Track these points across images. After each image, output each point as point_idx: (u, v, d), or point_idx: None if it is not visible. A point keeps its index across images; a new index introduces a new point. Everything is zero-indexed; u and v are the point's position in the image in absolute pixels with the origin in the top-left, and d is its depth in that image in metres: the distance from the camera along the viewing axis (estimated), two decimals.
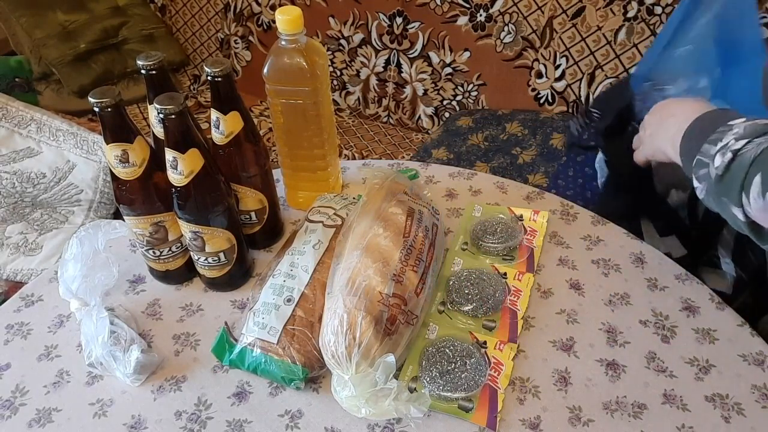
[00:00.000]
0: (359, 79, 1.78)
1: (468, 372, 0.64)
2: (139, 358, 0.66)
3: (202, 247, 0.71)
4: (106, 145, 0.65)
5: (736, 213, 0.55)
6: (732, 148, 0.54)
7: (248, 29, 1.86)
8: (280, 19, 0.72)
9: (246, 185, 0.76)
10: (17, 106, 1.45)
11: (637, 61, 1.40)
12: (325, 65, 0.78)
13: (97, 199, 1.40)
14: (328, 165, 0.86)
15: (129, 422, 0.63)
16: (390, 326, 0.63)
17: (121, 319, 0.72)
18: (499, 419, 0.61)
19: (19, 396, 0.67)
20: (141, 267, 0.80)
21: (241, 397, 0.65)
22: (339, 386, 0.61)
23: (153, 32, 1.91)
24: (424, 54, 1.65)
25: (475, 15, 1.54)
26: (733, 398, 0.63)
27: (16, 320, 0.76)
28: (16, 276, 1.27)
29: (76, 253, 0.69)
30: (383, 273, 0.65)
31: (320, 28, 1.74)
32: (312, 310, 0.67)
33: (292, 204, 0.91)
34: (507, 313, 0.71)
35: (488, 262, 0.78)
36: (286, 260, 0.72)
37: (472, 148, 1.47)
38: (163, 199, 0.70)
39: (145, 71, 0.69)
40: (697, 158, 0.59)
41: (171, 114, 0.62)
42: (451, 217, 0.87)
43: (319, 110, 0.78)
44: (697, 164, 0.59)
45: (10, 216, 1.37)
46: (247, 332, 0.67)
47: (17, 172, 1.39)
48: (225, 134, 0.71)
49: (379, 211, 0.72)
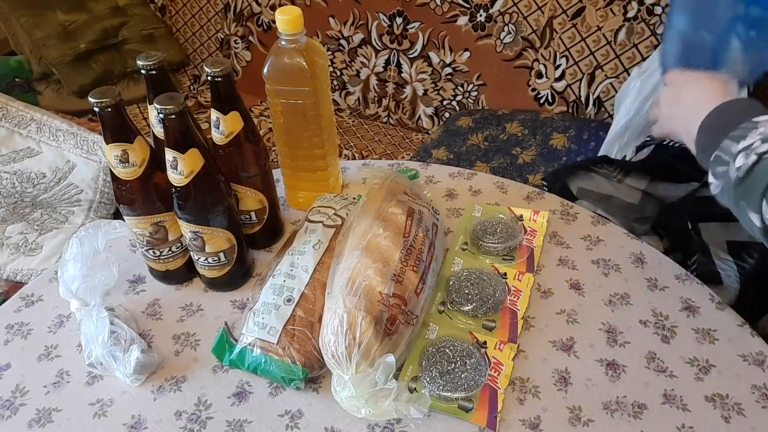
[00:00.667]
0: (359, 79, 1.77)
1: (468, 372, 0.64)
2: (139, 358, 0.66)
3: (202, 247, 0.71)
4: (106, 145, 0.65)
5: (753, 218, 0.52)
6: (757, 151, 0.51)
7: (248, 29, 1.86)
8: (280, 19, 0.72)
9: (246, 185, 0.76)
10: (17, 106, 1.46)
11: (637, 61, 1.40)
12: (325, 65, 0.78)
13: (97, 199, 1.40)
14: (328, 165, 0.86)
15: (129, 422, 0.63)
16: (390, 326, 0.63)
17: (121, 319, 0.72)
18: (499, 419, 0.61)
19: (19, 396, 0.67)
20: (141, 267, 0.80)
21: (241, 397, 0.65)
22: (339, 386, 0.61)
23: (153, 32, 1.91)
24: (424, 54, 1.65)
25: (475, 15, 1.54)
26: (733, 398, 0.63)
27: (16, 320, 0.76)
28: (16, 276, 1.27)
29: (76, 253, 0.69)
30: (383, 273, 0.65)
31: (320, 28, 1.74)
32: (312, 310, 0.67)
33: (292, 204, 0.91)
34: (507, 313, 0.71)
35: (488, 262, 0.78)
36: (286, 260, 0.72)
37: (472, 148, 1.47)
38: (163, 199, 0.70)
39: (145, 71, 0.69)
40: (716, 154, 0.55)
41: (171, 114, 0.62)
42: (451, 217, 0.87)
43: (319, 110, 0.78)
44: (715, 160, 0.56)
45: (10, 216, 1.37)
46: (247, 332, 0.67)
47: (17, 172, 1.39)
48: (225, 134, 0.71)
49: (379, 211, 0.72)
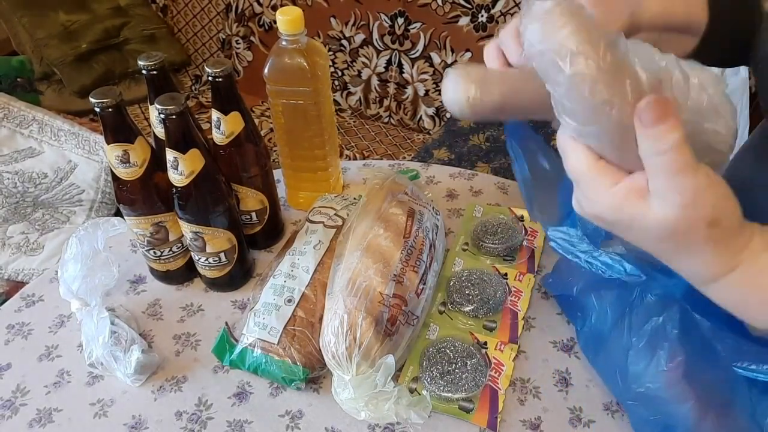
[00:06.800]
0: (360, 80, 1.78)
1: (468, 372, 0.64)
2: (140, 359, 0.66)
3: (202, 248, 0.71)
4: (107, 146, 0.65)
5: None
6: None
7: (249, 29, 1.86)
8: (281, 19, 0.72)
9: (247, 185, 0.76)
10: (19, 107, 1.46)
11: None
12: (326, 66, 0.78)
13: (99, 199, 1.41)
14: (329, 165, 0.86)
15: (129, 422, 0.63)
16: (390, 327, 0.63)
17: (122, 319, 0.72)
18: (500, 420, 0.61)
19: (19, 396, 0.67)
20: (141, 267, 0.80)
21: (242, 397, 0.65)
22: (339, 388, 0.61)
23: (154, 32, 1.91)
24: (426, 54, 1.65)
25: (477, 15, 1.54)
26: None
27: (16, 320, 0.76)
28: (17, 276, 1.27)
29: (76, 252, 0.69)
30: (384, 273, 0.65)
31: (321, 28, 1.74)
32: (312, 311, 0.67)
33: (292, 204, 0.91)
34: (507, 313, 0.71)
35: (489, 263, 0.78)
36: (287, 260, 0.72)
37: (473, 149, 1.47)
38: (163, 200, 0.70)
39: (146, 71, 0.69)
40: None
41: (172, 114, 0.62)
42: (451, 217, 0.87)
43: (320, 111, 0.78)
44: None
45: (12, 216, 1.37)
46: (247, 332, 0.67)
47: (19, 172, 1.40)
48: (226, 134, 0.71)
49: (379, 211, 0.72)
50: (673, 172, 0.34)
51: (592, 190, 0.38)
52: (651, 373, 0.53)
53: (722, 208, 0.35)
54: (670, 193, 0.34)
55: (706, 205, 0.35)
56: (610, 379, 0.61)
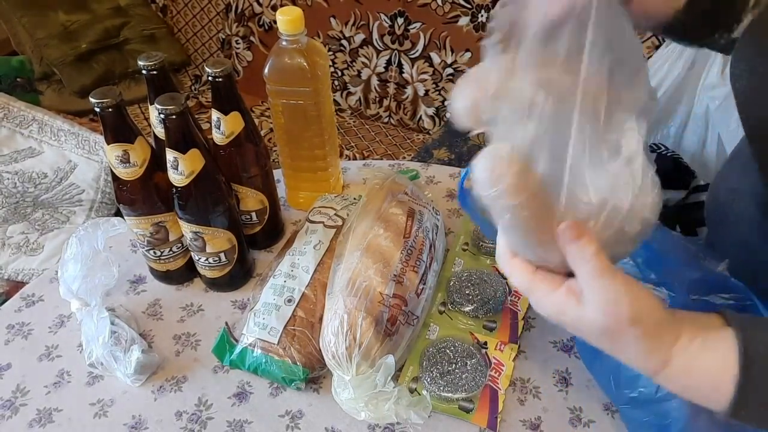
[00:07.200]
0: (360, 80, 1.77)
1: (468, 372, 0.64)
2: (140, 359, 0.66)
3: (202, 248, 0.71)
4: (107, 146, 0.65)
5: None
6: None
7: (249, 29, 1.86)
8: (281, 19, 0.72)
9: (247, 185, 0.76)
10: (19, 106, 1.46)
11: None
12: (325, 66, 0.77)
13: (99, 199, 1.40)
14: (329, 165, 0.86)
15: (129, 422, 0.63)
16: (390, 327, 0.63)
17: (122, 319, 0.72)
18: (500, 420, 0.61)
19: (19, 396, 0.67)
20: (141, 267, 0.80)
21: (242, 397, 0.65)
22: (339, 388, 0.61)
23: (154, 32, 1.91)
24: (426, 54, 1.65)
25: (477, 15, 1.54)
26: None
27: (16, 320, 0.76)
28: (18, 276, 1.27)
29: (76, 252, 0.69)
30: (384, 273, 0.65)
31: (321, 28, 1.74)
32: (312, 311, 0.67)
33: (292, 204, 0.91)
34: (507, 313, 0.71)
35: (489, 263, 0.78)
36: (287, 260, 0.72)
37: (473, 149, 1.46)
38: (163, 200, 0.70)
39: (146, 71, 0.69)
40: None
41: (172, 114, 0.62)
42: (452, 217, 0.87)
43: (319, 111, 0.78)
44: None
45: (12, 216, 1.37)
46: (247, 332, 0.67)
47: (19, 172, 1.40)
48: (226, 134, 0.71)
49: (379, 211, 0.72)
50: (597, 276, 0.39)
51: (536, 298, 0.43)
52: (644, 378, 0.53)
53: (641, 306, 0.39)
54: (595, 294, 0.39)
55: (625, 302, 0.39)
56: (605, 384, 0.61)
